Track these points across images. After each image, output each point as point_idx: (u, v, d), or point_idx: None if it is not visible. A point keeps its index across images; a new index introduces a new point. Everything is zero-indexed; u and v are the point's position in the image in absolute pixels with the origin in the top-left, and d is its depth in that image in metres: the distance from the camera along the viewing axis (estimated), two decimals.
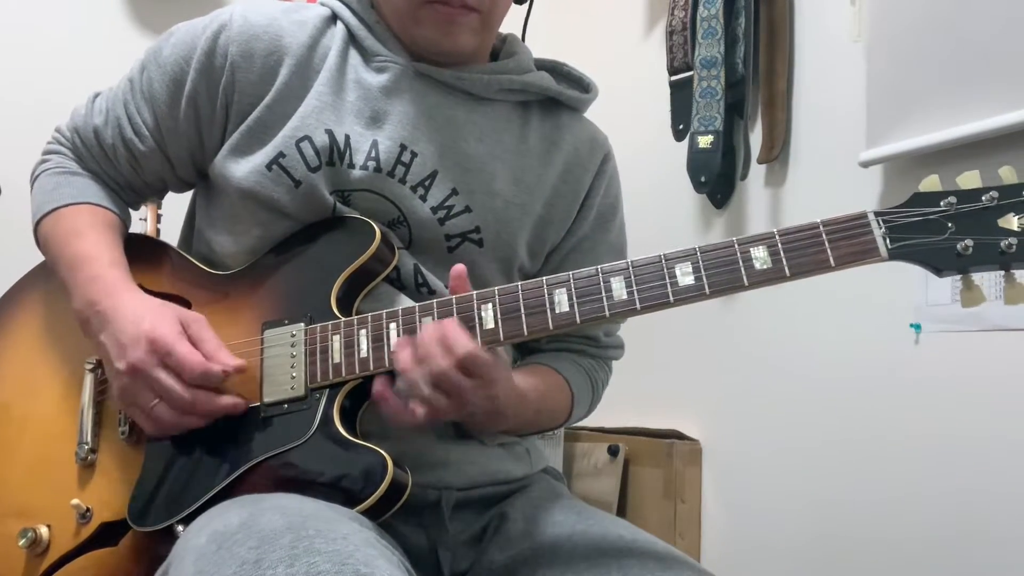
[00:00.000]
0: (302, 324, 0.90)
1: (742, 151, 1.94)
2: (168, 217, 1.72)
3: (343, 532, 0.68)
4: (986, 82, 1.38)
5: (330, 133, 0.94)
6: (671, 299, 0.79)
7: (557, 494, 1.00)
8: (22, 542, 0.90)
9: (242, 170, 0.94)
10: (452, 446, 0.94)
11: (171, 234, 1.16)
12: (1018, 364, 1.37)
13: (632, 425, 2.10)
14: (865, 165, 1.59)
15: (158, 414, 0.86)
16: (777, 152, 1.83)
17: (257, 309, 0.93)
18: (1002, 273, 0.74)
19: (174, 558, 0.73)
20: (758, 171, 1.91)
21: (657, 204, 2.12)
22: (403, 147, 0.96)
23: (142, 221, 1.71)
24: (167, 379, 0.85)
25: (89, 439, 0.92)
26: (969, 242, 0.73)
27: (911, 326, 1.53)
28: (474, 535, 0.95)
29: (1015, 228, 0.72)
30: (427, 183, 0.96)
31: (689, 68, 1.93)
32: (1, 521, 0.93)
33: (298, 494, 0.79)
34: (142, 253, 1.01)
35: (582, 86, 1.09)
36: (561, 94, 1.06)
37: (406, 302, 0.93)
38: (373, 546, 0.69)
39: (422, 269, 0.96)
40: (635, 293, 0.80)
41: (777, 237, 0.77)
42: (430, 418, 0.81)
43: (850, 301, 1.62)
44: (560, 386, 1.03)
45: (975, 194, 0.74)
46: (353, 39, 0.99)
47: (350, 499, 0.80)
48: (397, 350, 0.83)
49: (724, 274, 0.78)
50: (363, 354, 0.86)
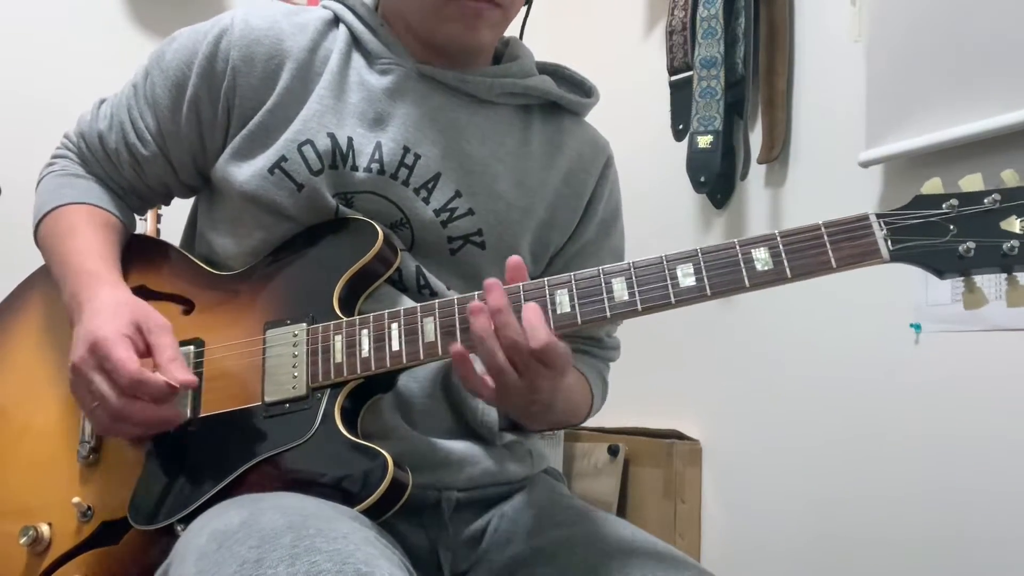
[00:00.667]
0: (304, 324, 0.90)
1: (742, 151, 1.93)
2: (168, 218, 1.72)
3: (344, 531, 0.68)
4: (986, 82, 1.38)
5: (332, 136, 0.94)
6: (672, 300, 0.79)
7: (557, 494, 1.01)
8: (23, 540, 0.90)
9: (244, 174, 0.94)
10: (453, 446, 0.94)
11: (171, 235, 1.15)
12: (1018, 364, 1.37)
13: (632, 425, 2.10)
14: (865, 165, 1.59)
15: (97, 416, 0.85)
16: (777, 152, 1.83)
17: (259, 309, 0.93)
18: (1004, 276, 0.74)
19: (175, 557, 0.73)
20: (758, 171, 1.91)
21: (657, 204, 2.11)
22: (406, 149, 0.96)
23: (142, 222, 1.71)
24: (101, 383, 0.83)
25: (90, 438, 0.92)
26: (971, 244, 0.73)
27: (911, 326, 1.53)
28: (474, 535, 0.95)
29: (1017, 231, 0.72)
30: (430, 185, 0.96)
31: (689, 68, 1.93)
32: (2, 519, 0.93)
33: (299, 493, 0.79)
34: (146, 253, 1.02)
35: (583, 90, 1.10)
36: (563, 98, 1.06)
37: (408, 304, 0.92)
38: (374, 545, 0.69)
39: (424, 271, 0.96)
40: (636, 294, 0.80)
41: (778, 238, 0.77)
42: (498, 394, 0.81)
43: (850, 301, 1.62)
44: (583, 384, 1.04)
45: (977, 196, 0.74)
46: (356, 42, 0.99)
47: (350, 498, 0.79)
48: (474, 316, 0.80)
49: (725, 275, 0.78)
50: (364, 354, 0.86)
